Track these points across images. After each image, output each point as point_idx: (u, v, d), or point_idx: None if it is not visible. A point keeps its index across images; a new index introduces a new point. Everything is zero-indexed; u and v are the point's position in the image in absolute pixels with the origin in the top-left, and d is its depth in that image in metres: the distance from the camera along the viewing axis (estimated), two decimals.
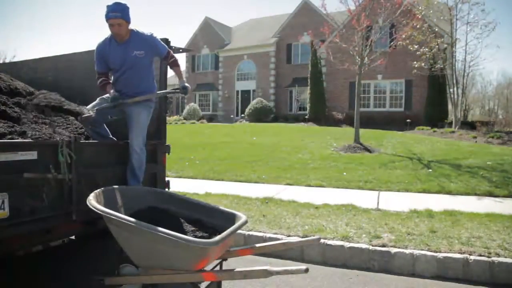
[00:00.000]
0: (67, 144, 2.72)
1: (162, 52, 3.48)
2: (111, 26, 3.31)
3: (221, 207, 2.92)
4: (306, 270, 2.23)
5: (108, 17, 3.27)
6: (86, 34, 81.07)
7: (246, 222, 2.64)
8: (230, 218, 2.68)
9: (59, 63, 4.57)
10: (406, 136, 14.52)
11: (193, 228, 2.66)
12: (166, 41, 3.85)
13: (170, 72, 4.04)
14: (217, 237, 2.26)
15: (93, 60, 3.59)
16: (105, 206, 2.42)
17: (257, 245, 2.70)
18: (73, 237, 3.67)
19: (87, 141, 3.38)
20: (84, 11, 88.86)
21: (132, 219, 2.26)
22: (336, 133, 15.26)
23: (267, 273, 2.25)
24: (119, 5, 3.27)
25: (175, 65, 3.63)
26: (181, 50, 4.01)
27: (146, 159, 3.61)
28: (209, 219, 2.79)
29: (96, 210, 2.32)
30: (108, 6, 3.28)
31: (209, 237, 2.46)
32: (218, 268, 2.63)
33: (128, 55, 3.42)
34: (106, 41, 3.50)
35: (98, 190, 2.60)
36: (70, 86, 4.35)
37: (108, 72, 3.62)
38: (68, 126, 3.65)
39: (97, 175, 3.07)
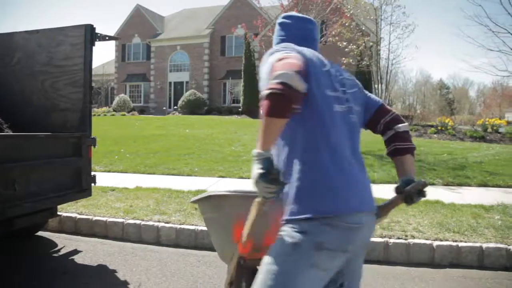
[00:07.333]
0: None
1: None
2: None
3: None
4: None
5: None
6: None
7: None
8: None
9: None
10: None
11: None
12: (91, 27, 3.64)
13: (96, 62, 3.82)
14: None
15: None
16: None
17: None
18: None
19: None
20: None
21: None
22: None
23: None
24: None
25: None
26: (107, 38, 3.81)
27: (70, 153, 3.41)
28: None
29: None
30: None
31: None
32: None
33: None
34: None
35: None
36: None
37: None
38: None
39: (13, 170, 2.84)
